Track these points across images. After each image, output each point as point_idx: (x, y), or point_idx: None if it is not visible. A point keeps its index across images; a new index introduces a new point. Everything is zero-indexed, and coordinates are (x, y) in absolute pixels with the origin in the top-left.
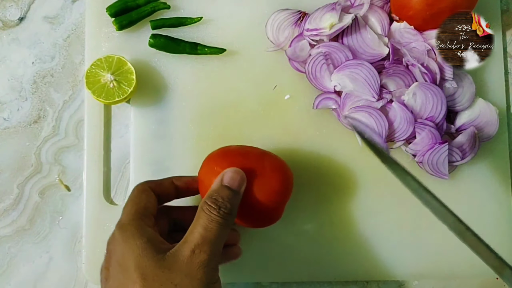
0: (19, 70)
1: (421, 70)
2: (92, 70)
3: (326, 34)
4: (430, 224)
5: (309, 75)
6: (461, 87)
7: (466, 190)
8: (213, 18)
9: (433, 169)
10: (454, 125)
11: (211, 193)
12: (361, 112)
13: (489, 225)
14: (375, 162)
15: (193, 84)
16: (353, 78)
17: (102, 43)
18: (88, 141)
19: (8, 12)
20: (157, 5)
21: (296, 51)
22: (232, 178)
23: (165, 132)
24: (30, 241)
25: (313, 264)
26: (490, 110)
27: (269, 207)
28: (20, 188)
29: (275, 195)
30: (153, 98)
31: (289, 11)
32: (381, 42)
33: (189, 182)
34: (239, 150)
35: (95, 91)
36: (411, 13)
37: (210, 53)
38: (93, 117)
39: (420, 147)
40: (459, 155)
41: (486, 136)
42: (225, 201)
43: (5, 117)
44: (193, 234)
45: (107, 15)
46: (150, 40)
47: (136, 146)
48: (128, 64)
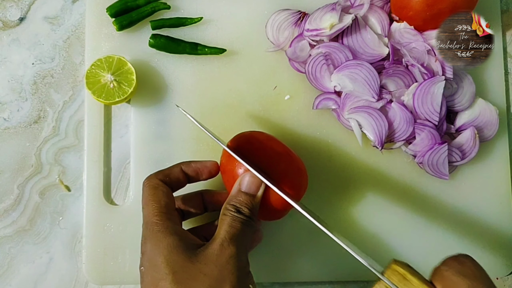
0: (19, 71)
1: (421, 70)
2: (92, 70)
3: (326, 35)
4: (430, 225)
5: (309, 76)
6: (461, 87)
7: (466, 190)
8: (213, 19)
9: (433, 170)
10: (454, 125)
11: (231, 199)
12: (361, 112)
13: (490, 225)
14: (375, 163)
15: (193, 84)
16: (353, 78)
17: (102, 44)
18: (88, 142)
19: (8, 12)
20: (157, 6)
21: (296, 52)
22: (250, 183)
23: (165, 132)
24: (30, 241)
25: (313, 264)
26: (490, 110)
27: (278, 208)
28: (20, 188)
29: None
30: (153, 98)
31: (289, 11)
32: (381, 42)
33: (199, 169)
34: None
35: (95, 92)
36: (411, 14)
37: (210, 53)
38: (93, 118)
39: (420, 147)
40: (459, 155)
41: (486, 136)
42: (243, 207)
43: (5, 118)
44: (220, 232)
45: (107, 16)
46: (150, 40)
47: (136, 146)
48: (128, 65)
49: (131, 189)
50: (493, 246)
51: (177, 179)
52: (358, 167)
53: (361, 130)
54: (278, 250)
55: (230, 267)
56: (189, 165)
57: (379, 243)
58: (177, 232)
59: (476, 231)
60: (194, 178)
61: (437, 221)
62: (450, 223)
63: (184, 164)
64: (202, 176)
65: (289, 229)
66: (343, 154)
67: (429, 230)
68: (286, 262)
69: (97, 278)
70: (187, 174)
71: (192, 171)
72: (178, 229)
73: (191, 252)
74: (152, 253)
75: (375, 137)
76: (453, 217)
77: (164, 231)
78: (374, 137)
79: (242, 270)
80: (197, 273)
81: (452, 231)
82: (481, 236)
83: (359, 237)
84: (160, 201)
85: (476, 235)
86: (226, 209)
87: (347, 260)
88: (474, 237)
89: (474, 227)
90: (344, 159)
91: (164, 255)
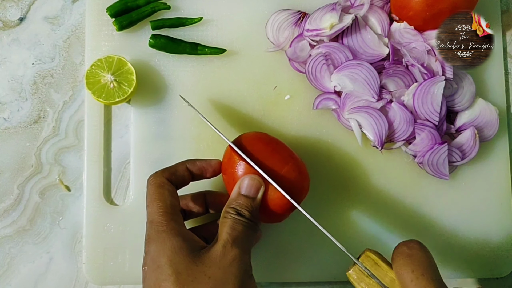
0: (19, 71)
1: (421, 70)
2: (92, 70)
3: (326, 35)
4: (431, 225)
5: (309, 76)
6: (461, 87)
7: (467, 190)
8: (213, 19)
9: (434, 170)
10: (454, 125)
11: (231, 202)
12: (361, 112)
13: (490, 225)
14: (375, 163)
15: (193, 84)
16: (353, 79)
17: (102, 44)
18: (88, 142)
19: (8, 12)
20: (157, 6)
21: (296, 52)
22: (249, 186)
23: (165, 132)
24: (30, 241)
25: (313, 264)
26: (490, 110)
27: (278, 211)
28: (20, 188)
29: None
30: (153, 99)
31: (289, 12)
32: (381, 43)
33: (204, 168)
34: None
35: (95, 92)
36: (411, 14)
37: (210, 53)
38: (93, 118)
39: (420, 147)
40: (459, 155)
41: (486, 136)
42: (243, 209)
43: (5, 118)
44: (222, 235)
45: (107, 16)
46: (150, 40)
47: (137, 147)
48: (128, 65)
49: (131, 189)
50: (493, 246)
51: (182, 177)
52: (358, 167)
53: (361, 130)
54: (277, 250)
55: (234, 270)
56: (194, 163)
57: (380, 243)
58: (182, 233)
59: (476, 231)
60: (198, 176)
61: (437, 221)
62: (450, 223)
63: (189, 162)
64: (206, 175)
65: (289, 229)
66: (343, 154)
67: (429, 230)
68: (285, 262)
69: (97, 278)
70: (192, 172)
71: (197, 169)
72: (182, 230)
73: (194, 254)
74: (156, 253)
75: (375, 137)
76: (453, 217)
77: (169, 232)
78: (374, 137)
79: (245, 273)
80: (200, 275)
81: (452, 231)
82: (481, 236)
83: (359, 237)
84: (166, 201)
85: (476, 235)
86: (227, 212)
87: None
88: (474, 237)
89: (474, 227)
90: (344, 159)
91: (168, 256)
